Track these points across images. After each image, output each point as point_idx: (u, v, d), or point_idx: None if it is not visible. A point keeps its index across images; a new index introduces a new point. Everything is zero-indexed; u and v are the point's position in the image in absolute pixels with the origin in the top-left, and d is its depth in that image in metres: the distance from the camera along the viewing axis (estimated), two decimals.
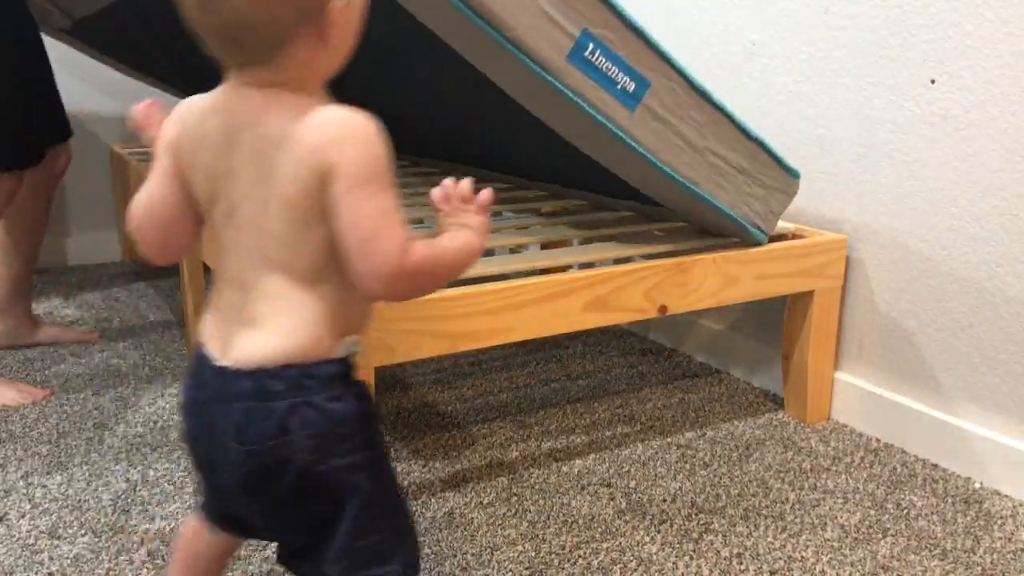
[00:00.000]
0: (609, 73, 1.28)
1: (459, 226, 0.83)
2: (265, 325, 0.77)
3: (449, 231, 0.82)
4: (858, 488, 1.46)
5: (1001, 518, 1.38)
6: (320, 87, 0.78)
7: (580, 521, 1.36)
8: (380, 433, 0.84)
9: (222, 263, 0.81)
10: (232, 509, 0.86)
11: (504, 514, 1.37)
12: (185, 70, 2.38)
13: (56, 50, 2.55)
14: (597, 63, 1.27)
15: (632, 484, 1.47)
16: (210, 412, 0.79)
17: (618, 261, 1.48)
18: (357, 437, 0.79)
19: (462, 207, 0.84)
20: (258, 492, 0.80)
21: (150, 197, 0.83)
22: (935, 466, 1.54)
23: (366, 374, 1.13)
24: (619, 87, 1.30)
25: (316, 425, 0.77)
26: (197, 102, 0.81)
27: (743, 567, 1.24)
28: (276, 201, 0.75)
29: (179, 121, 0.82)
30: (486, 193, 0.85)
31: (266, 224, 0.76)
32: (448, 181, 0.85)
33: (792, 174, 1.55)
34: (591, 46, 1.25)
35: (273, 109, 0.75)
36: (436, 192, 0.84)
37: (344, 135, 0.73)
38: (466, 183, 0.85)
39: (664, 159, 1.39)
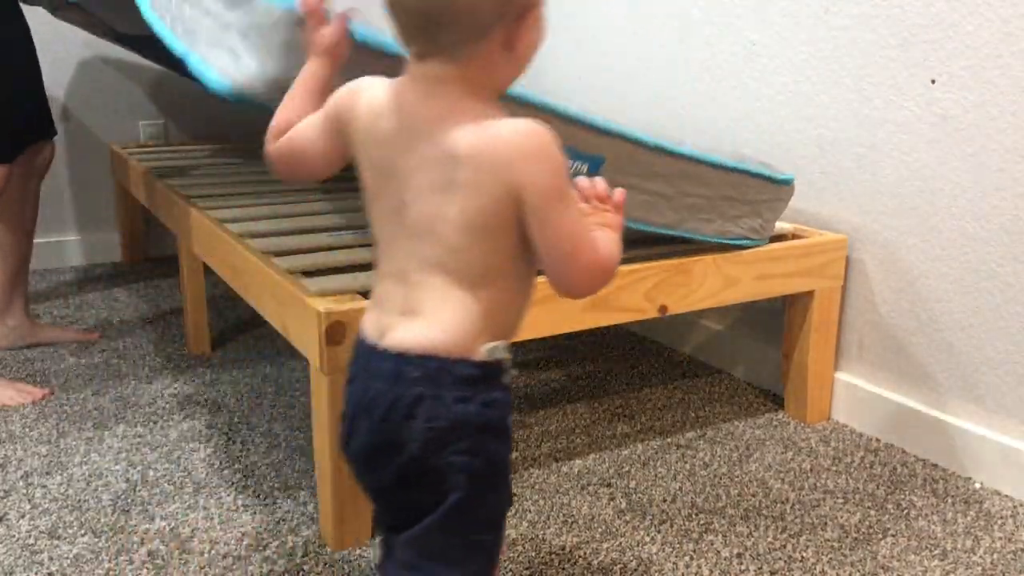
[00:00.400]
0: None
1: (600, 226, 0.85)
2: (421, 316, 0.80)
3: (596, 231, 0.84)
4: (858, 488, 1.46)
5: (1001, 518, 1.38)
6: (495, 97, 0.79)
7: (580, 521, 1.36)
8: (499, 449, 0.82)
9: (385, 256, 0.84)
10: (361, 480, 0.88)
11: None
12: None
13: (57, 53, 2.56)
14: None
15: (632, 484, 1.47)
16: (356, 387, 0.83)
17: None
18: (470, 442, 0.79)
19: (601, 207, 0.86)
20: (374, 467, 0.83)
21: (299, 134, 0.89)
22: (935, 466, 1.54)
23: None
24: (570, 174, 1.29)
25: (438, 420, 0.78)
26: (376, 92, 0.82)
27: (743, 567, 1.24)
28: (454, 211, 0.76)
29: (352, 105, 0.83)
30: (620, 193, 0.88)
31: (439, 229, 0.78)
32: (583, 181, 0.87)
33: (783, 183, 1.54)
34: None
35: (452, 117, 0.76)
36: None
37: (531, 151, 0.75)
38: (601, 183, 0.87)
39: (635, 216, 1.40)
